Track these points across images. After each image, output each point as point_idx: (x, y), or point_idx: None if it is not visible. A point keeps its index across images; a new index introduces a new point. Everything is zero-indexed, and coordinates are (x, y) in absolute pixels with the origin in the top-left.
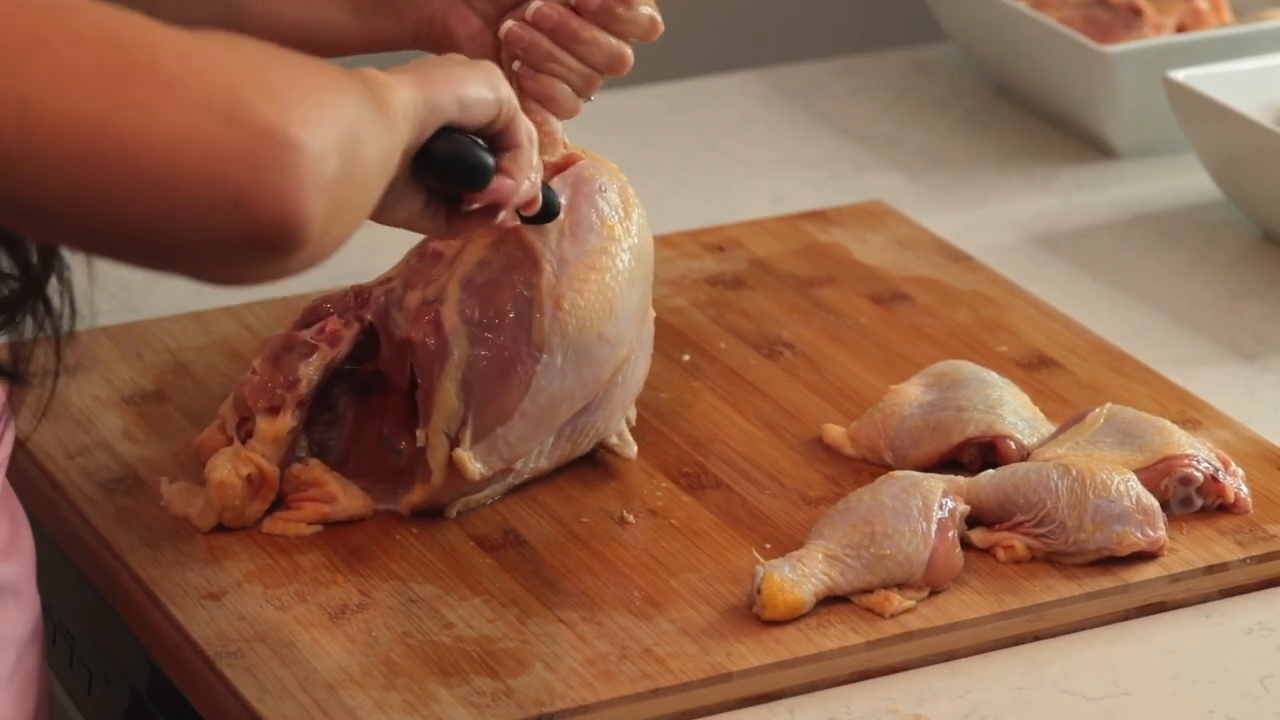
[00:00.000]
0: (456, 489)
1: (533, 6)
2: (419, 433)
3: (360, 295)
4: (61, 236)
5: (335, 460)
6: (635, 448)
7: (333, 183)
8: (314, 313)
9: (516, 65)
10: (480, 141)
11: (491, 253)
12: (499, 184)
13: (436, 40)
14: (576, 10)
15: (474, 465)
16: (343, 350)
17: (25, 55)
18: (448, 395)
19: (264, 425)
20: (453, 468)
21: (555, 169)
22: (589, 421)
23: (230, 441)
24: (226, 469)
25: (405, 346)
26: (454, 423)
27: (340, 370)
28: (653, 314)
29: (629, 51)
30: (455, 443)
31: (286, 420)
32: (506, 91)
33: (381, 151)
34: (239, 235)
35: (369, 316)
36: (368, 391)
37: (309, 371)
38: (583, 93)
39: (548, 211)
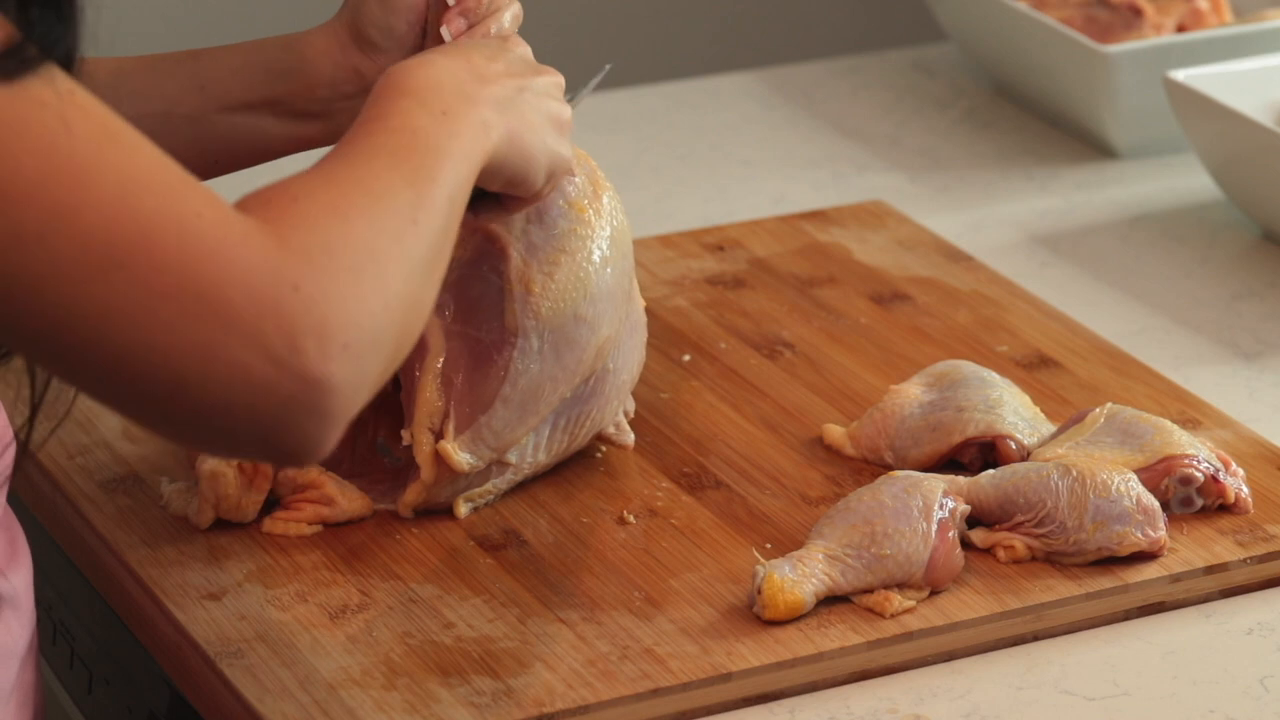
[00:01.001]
0: (450, 484)
1: (444, 30)
2: (404, 432)
3: None
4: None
5: (328, 464)
6: (633, 436)
7: (366, 390)
8: None
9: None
10: None
11: (459, 249)
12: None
13: None
14: None
15: (459, 456)
16: None
17: (107, 275)
18: (428, 392)
19: None
20: (441, 462)
21: None
22: (583, 412)
23: None
24: (217, 460)
25: None
26: (437, 418)
27: None
28: (640, 300)
29: None
30: (439, 437)
31: None
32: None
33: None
34: (258, 452)
35: None
36: None
37: None
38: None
39: None
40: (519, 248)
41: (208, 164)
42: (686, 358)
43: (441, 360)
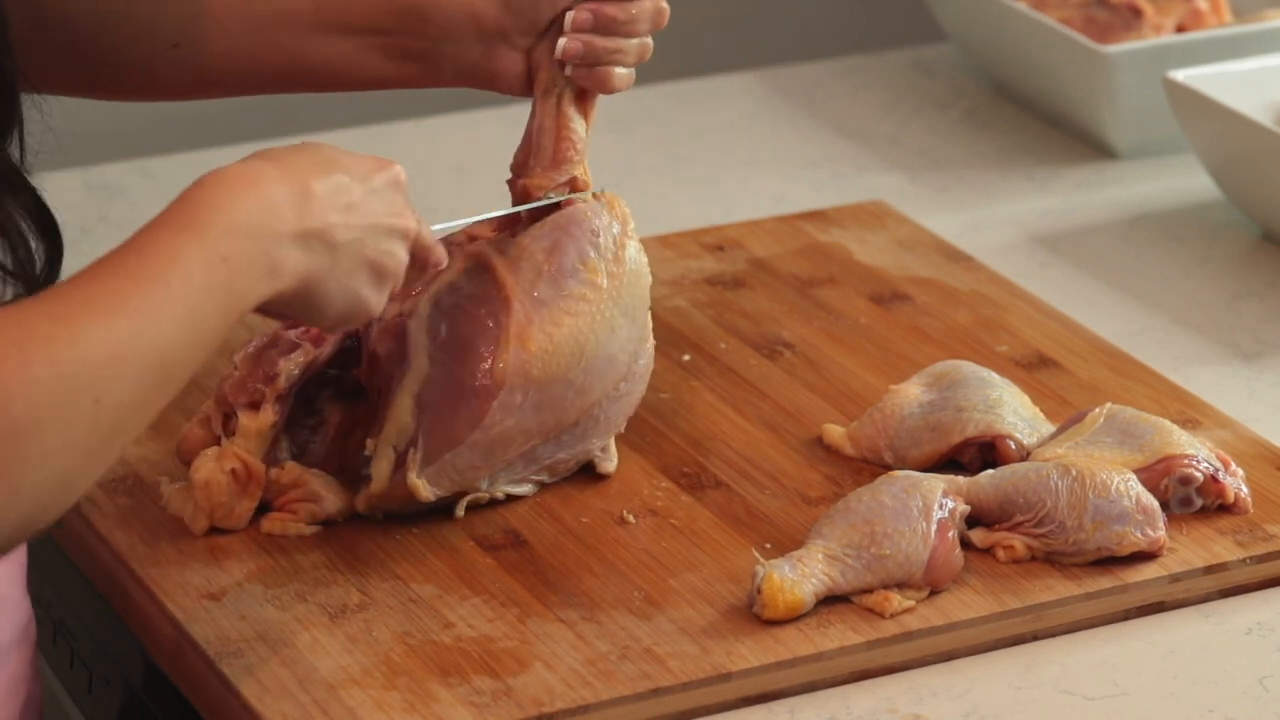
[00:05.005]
0: (404, 500)
1: (568, 18)
2: (369, 441)
3: None
4: None
5: (314, 463)
6: (615, 463)
7: None
8: None
9: (569, 70)
10: None
11: (464, 279)
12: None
13: (478, 83)
14: None
15: (427, 491)
16: (326, 351)
17: None
18: (402, 410)
19: (246, 420)
20: (398, 481)
21: (573, 185)
22: (564, 453)
23: (213, 437)
24: (210, 467)
25: (374, 360)
26: (404, 439)
27: (326, 375)
28: (651, 345)
29: (664, 4)
30: (402, 459)
31: (268, 415)
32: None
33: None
34: None
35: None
36: (355, 399)
37: (288, 366)
38: (639, 62)
39: None
40: (525, 301)
41: (291, 83)
42: (686, 358)
43: (421, 383)
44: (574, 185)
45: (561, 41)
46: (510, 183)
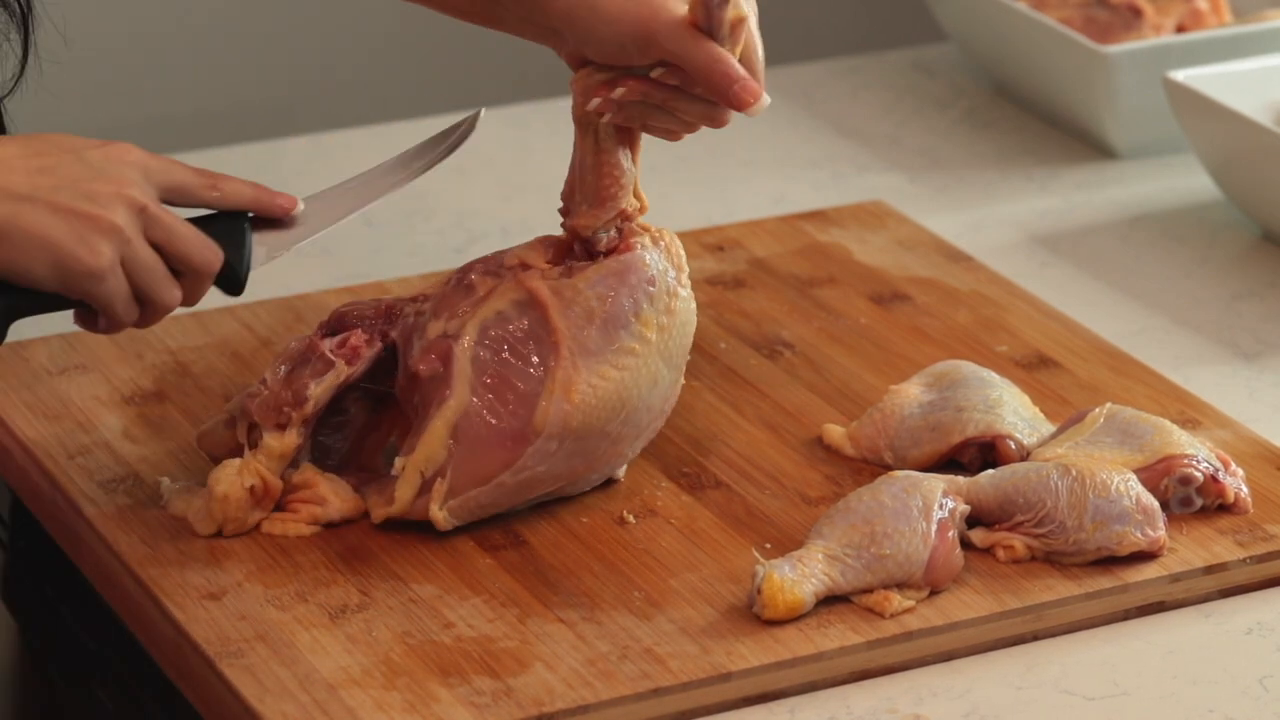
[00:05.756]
0: (419, 520)
1: (617, 91)
2: (398, 460)
3: (390, 311)
4: None
5: (335, 465)
6: (625, 469)
7: None
8: (341, 321)
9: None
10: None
11: (514, 311)
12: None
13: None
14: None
15: (447, 523)
16: (359, 369)
17: None
18: (436, 437)
19: (271, 441)
20: (423, 510)
21: (623, 217)
22: (580, 485)
23: (234, 438)
24: (232, 481)
25: (414, 378)
26: (432, 466)
27: (357, 384)
28: (682, 381)
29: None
30: (428, 486)
31: (293, 438)
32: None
33: None
34: None
35: (394, 334)
36: (381, 401)
37: (318, 391)
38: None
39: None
40: (573, 347)
41: None
42: (687, 357)
43: (460, 412)
44: (623, 217)
45: (595, 100)
46: (561, 214)
